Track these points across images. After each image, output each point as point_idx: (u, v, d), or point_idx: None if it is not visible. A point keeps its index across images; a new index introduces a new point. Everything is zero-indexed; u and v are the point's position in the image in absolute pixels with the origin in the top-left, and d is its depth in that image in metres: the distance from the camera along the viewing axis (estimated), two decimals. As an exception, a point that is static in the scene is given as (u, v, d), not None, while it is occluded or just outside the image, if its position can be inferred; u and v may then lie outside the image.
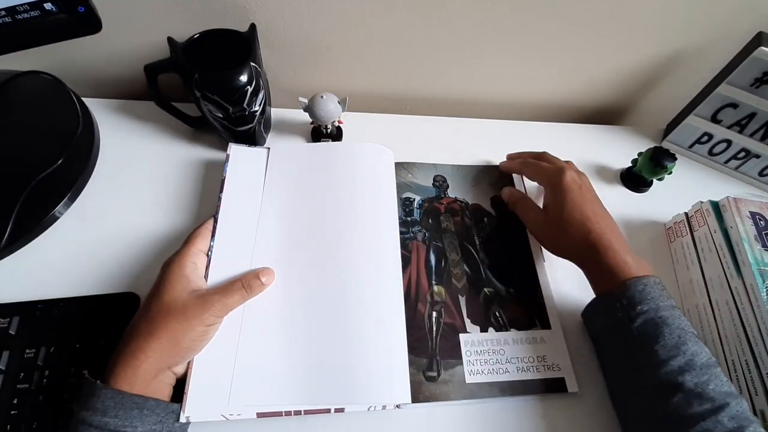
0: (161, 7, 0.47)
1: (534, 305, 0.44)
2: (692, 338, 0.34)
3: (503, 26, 0.53)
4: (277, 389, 0.35)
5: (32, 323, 0.37)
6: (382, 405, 0.35)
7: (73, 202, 0.45)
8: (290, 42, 0.52)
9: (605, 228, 0.39)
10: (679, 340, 0.33)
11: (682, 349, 0.33)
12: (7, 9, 0.35)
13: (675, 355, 0.33)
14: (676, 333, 0.34)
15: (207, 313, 0.33)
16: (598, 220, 0.40)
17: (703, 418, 0.31)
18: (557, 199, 0.42)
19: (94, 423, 0.29)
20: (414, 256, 0.45)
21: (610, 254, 0.38)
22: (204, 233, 0.39)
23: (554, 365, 0.40)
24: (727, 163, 0.58)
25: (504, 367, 0.40)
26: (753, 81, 0.50)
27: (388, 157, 0.49)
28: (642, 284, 0.36)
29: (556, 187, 0.42)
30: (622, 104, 0.68)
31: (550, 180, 0.43)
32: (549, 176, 0.44)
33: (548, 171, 0.44)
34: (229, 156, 0.46)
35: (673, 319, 0.34)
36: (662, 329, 0.34)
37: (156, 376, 0.31)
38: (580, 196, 0.41)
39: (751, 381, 0.38)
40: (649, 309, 0.35)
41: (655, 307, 0.35)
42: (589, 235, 0.39)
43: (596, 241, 0.38)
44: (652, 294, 0.35)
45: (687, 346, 0.33)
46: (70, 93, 0.49)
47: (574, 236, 0.40)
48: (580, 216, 0.40)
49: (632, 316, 0.35)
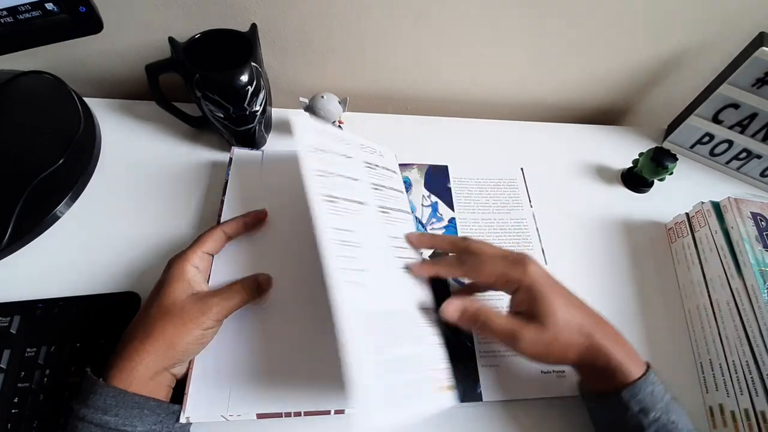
0: (162, 7, 0.47)
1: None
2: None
3: (504, 26, 0.53)
4: (278, 390, 0.35)
5: (33, 322, 0.37)
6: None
7: (75, 202, 0.45)
8: (291, 42, 0.52)
9: (602, 330, 0.34)
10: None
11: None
12: (8, 9, 0.35)
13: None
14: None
15: (204, 317, 0.33)
16: (592, 322, 0.34)
17: None
18: (536, 302, 0.33)
19: (95, 421, 0.29)
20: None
21: (612, 360, 0.33)
22: (212, 236, 0.38)
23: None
24: (728, 163, 0.58)
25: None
26: (755, 81, 0.50)
27: (390, 157, 0.49)
28: (650, 385, 0.33)
29: (531, 288, 0.34)
30: (623, 104, 0.67)
31: (513, 280, 0.34)
32: (508, 276, 0.34)
33: (501, 270, 0.34)
34: (232, 159, 0.46)
35: (681, 421, 0.33)
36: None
37: (153, 377, 0.31)
38: (558, 296, 0.34)
39: (752, 382, 0.38)
40: (661, 415, 0.33)
41: (666, 410, 0.33)
42: (590, 343, 0.33)
43: (598, 348, 0.33)
44: (660, 393, 0.34)
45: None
46: (71, 93, 0.49)
47: (571, 345, 0.33)
48: (574, 321, 0.33)
49: (646, 424, 0.33)
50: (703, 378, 0.42)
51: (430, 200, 0.50)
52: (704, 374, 0.42)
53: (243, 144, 0.49)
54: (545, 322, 0.33)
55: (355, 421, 0.37)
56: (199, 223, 0.46)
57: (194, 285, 0.35)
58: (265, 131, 0.51)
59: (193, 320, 0.32)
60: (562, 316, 0.33)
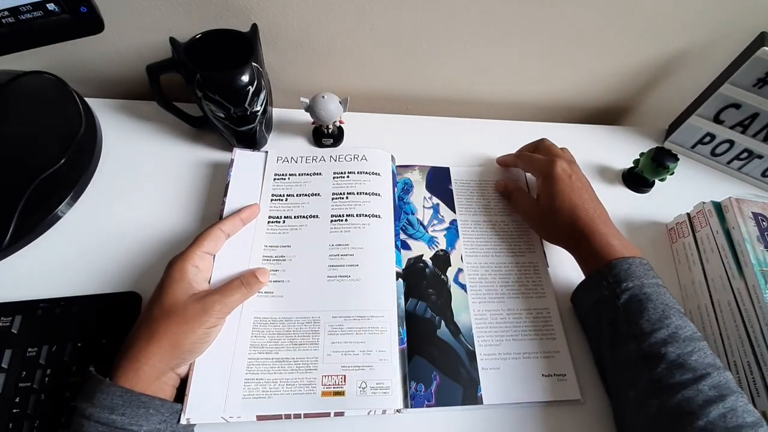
0: (163, 8, 0.47)
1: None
2: (677, 313, 0.35)
3: (504, 26, 0.53)
4: (277, 392, 0.35)
5: (34, 322, 0.37)
6: (382, 409, 0.35)
7: (76, 202, 0.45)
8: (292, 42, 0.52)
9: (593, 214, 0.41)
10: (663, 314, 0.35)
11: (666, 322, 0.34)
12: (10, 9, 0.35)
13: (659, 328, 0.34)
14: (660, 308, 0.35)
15: (207, 315, 0.33)
16: (586, 207, 0.41)
17: (684, 386, 0.32)
18: (548, 188, 0.43)
19: (101, 420, 0.29)
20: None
21: (597, 238, 0.40)
22: (211, 235, 0.38)
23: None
24: (729, 163, 0.58)
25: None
26: (756, 81, 0.49)
27: (387, 161, 0.49)
28: (627, 263, 0.37)
29: (547, 177, 0.44)
30: (624, 104, 0.67)
31: (542, 171, 0.45)
32: (540, 167, 0.45)
33: (540, 162, 0.46)
34: (233, 161, 0.46)
35: (658, 296, 0.36)
36: (646, 304, 0.35)
37: (158, 378, 0.32)
38: (569, 185, 0.43)
39: (753, 382, 0.38)
40: (634, 286, 0.36)
41: (640, 285, 0.36)
42: (577, 221, 0.41)
43: (584, 227, 0.40)
44: (637, 273, 0.37)
45: (671, 320, 0.34)
46: (72, 93, 0.49)
47: (564, 224, 0.42)
48: (569, 204, 0.42)
49: (618, 292, 0.36)
50: (704, 378, 0.42)
51: (432, 202, 0.50)
52: (705, 375, 0.42)
53: (244, 144, 0.49)
54: (540, 202, 0.44)
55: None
56: (200, 223, 0.46)
57: (195, 285, 0.35)
58: (266, 131, 0.51)
59: (196, 319, 0.33)
60: (558, 201, 0.42)
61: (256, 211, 0.43)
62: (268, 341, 0.37)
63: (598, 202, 0.43)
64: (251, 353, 0.36)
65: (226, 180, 0.45)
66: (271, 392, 0.35)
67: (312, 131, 0.54)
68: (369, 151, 0.48)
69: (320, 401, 0.35)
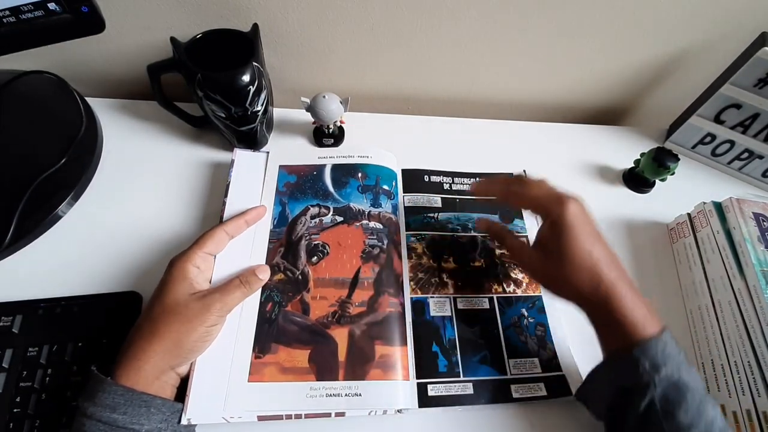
0: (164, 7, 0.47)
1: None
2: (710, 402, 0.32)
3: (505, 26, 0.53)
4: (278, 393, 0.35)
5: (35, 322, 0.37)
6: (383, 410, 0.35)
7: (76, 201, 0.45)
8: (293, 42, 0.52)
9: (618, 276, 0.34)
10: (700, 405, 0.31)
11: (703, 416, 0.31)
12: (11, 9, 0.35)
13: (697, 423, 0.31)
14: (697, 397, 0.31)
15: (208, 314, 0.33)
16: (609, 265, 0.34)
17: None
18: (558, 236, 0.35)
19: (103, 419, 0.29)
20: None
21: (623, 303, 0.33)
22: (214, 237, 0.38)
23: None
24: (730, 163, 0.58)
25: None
26: (757, 81, 0.49)
27: (392, 162, 0.49)
28: (663, 343, 0.32)
29: (556, 224, 0.35)
30: (624, 104, 0.67)
31: (548, 213, 0.36)
32: (544, 208, 0.36)
33: (542, 200, 0.37)
34: (234, 161, 0.46)
35: (694, 382, 0.32)
36: (685, 394, 0.31)
37: (159, 377, 0.32)
38: (586, 235, 0.35)
39: (754, 382, 0.38)
40: (672, 372, 0.32)
41: (677, 370, 0.32)
42: (600, 285, 0.33)
43: (608, 289, 0.33)
44: (672, 353, 0.32)
45: (707, 412, 0.31)
46: (73, 93, 0.49)
47: (582, 284, 0.34)
48: (588, 260, 0.34)
49: (657, 381, 0.31)
50: (705, 378, 0.42)
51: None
52: (706, 375, 0.42)
53: (244, 144, 0.49)
54: (546, 252, 0.36)
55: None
56: (200, 222, 0.46)
57: (196, 284, 0.35)
58: (267, 131, 0.51)
59: (196, 318, 0.33)
60: (573, 255, 0.34)
61: (263, 213, 0.43)
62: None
63: (617, 256, 0.36)
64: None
65: (227, 180, 0.45)
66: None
67: (313, 131, 0.54)
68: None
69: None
